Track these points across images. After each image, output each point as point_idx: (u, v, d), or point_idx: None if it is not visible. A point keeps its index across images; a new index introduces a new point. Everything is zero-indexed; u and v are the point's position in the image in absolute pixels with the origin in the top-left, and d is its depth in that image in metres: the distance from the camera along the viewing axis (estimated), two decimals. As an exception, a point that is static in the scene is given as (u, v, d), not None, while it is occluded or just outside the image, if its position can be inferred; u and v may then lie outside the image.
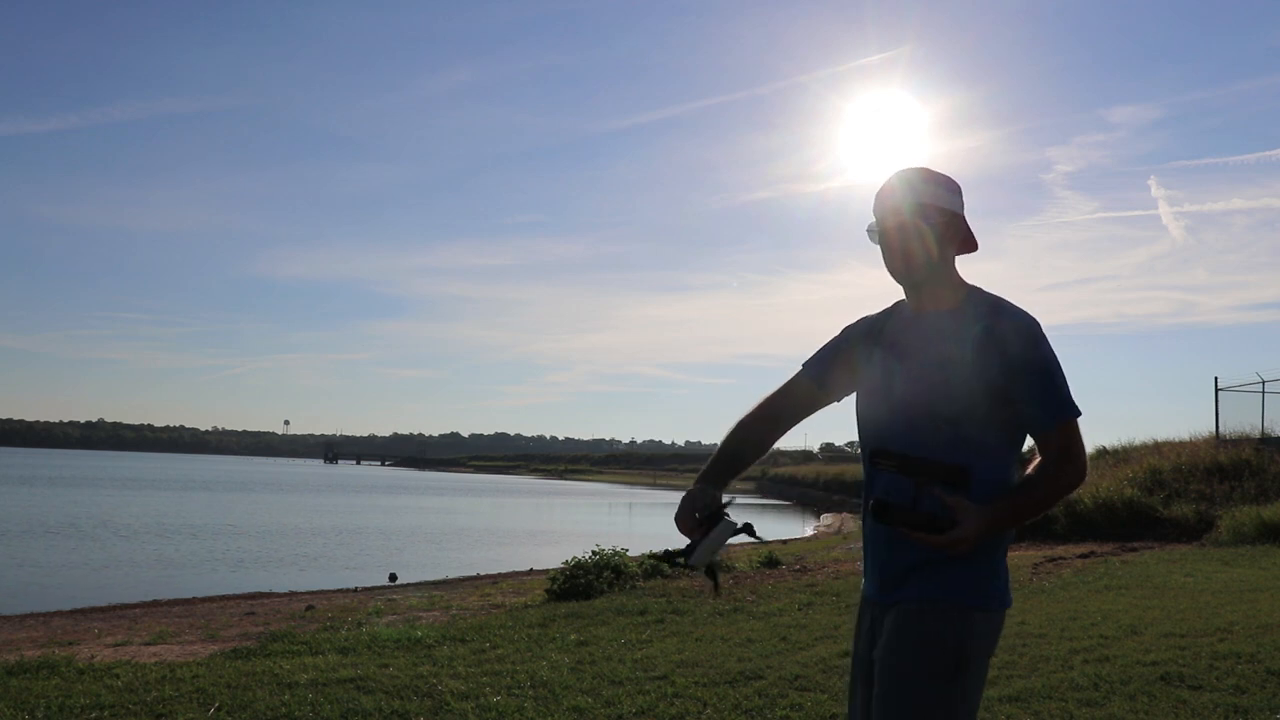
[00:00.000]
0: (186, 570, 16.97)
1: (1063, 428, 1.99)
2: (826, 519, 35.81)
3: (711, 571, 2.12)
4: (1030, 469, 2.01)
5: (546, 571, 12.65)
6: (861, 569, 2.19)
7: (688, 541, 2.06)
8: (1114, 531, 15.56)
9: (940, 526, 1.87)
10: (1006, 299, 2.08)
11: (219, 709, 4.76)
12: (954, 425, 1.96)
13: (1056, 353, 2.01)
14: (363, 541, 24.06)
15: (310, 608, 10.48)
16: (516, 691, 5.13)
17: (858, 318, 2.28)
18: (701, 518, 2.05)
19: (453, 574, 16.50)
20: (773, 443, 2.30)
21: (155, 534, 23.68)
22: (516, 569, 16.75)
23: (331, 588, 14.32)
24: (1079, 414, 2.00)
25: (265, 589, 14.16)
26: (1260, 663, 5.41)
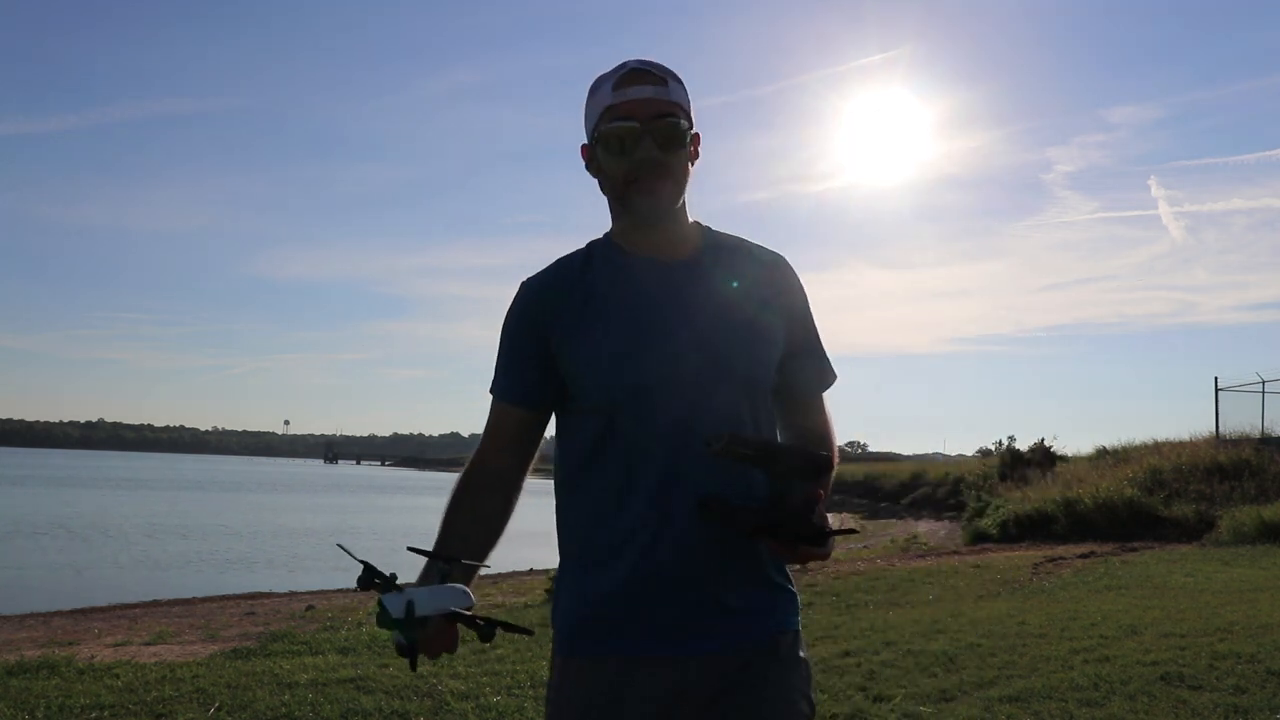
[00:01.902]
0: (186, 570, 16.96)
1: (825, 395, 1.70)
2: (826, 519, 35.71)
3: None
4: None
5: (546, 571, 12.66)
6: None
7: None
8: (1114, 531, 15.57)
9: (821, 533, 1.40)
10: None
11: (219, 709, 4.76)
12: (755, 393, 1.57)
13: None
14: (363, 542, 24.05)
15: (310, 608, 10.48)
16: (516, 691, 5.13)
17: (519, 292, 1.64)
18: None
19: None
20: (509, 510, 1.67)
21: (152, 535, 23.67)
22: (516, 569, 16.73)
23: (331, 588, 14.31)
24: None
25: (265, 589, 14.15)
26: (1260, 663, 5.41)
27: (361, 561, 1.34)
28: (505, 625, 1.38)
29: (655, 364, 1.52)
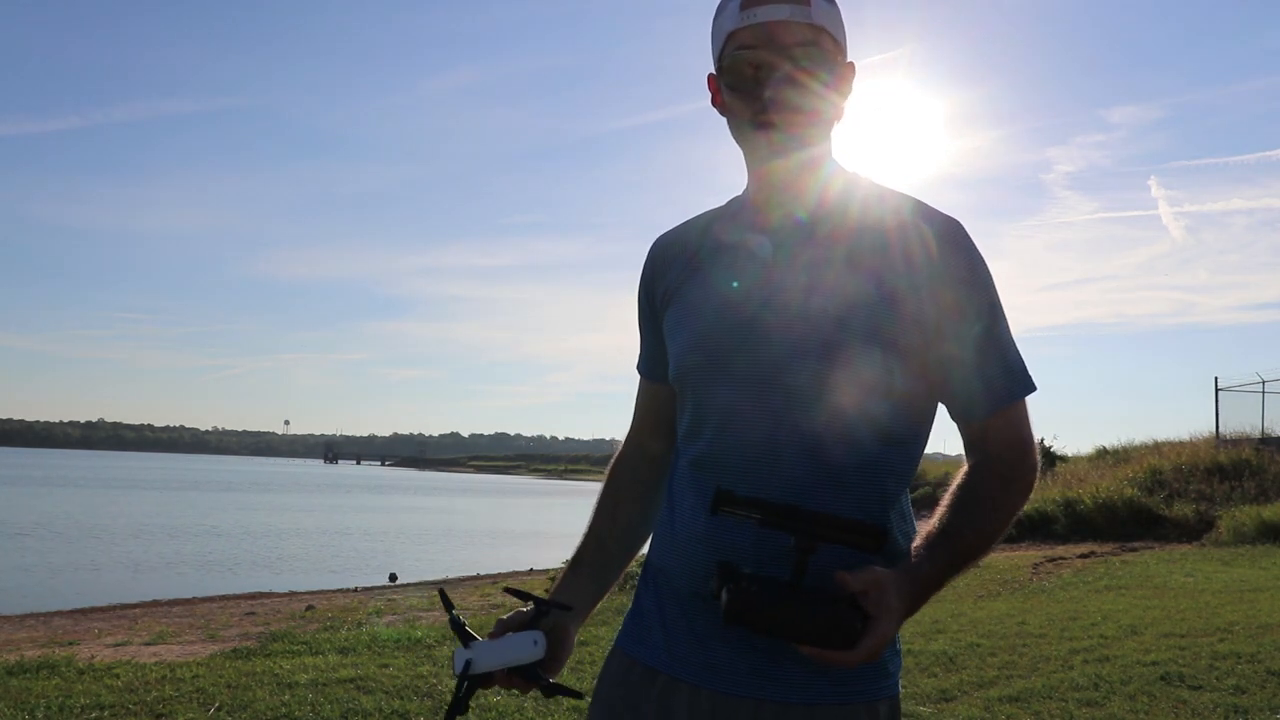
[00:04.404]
0: (186, 570, 16.96)
1: (1017, 408, 1.27)
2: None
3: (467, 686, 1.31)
4: (961, 482, 1.26)
5: (547, 571, 12.67)
6: None
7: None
8: (1114, 531, 15.56)
9: (847, 632, 1.07)
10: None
11: (219, 709, 4.76)
12: (808, 397, 1.22)
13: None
14: (363, 541, 24.06)
15: (310, 608, 10.49)
16: (516, 691, 5.12)
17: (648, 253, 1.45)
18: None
19: (453, 574, 16.52)
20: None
21: (154, 536, 23.67)
22: (516, 569, 16.76)
23: (331, 588, 14.33)
24: (1035, 389, 1.28)
25: (265, 589, 14.16)
26: (1260, 663, 5.41)
27: (449, 610, 1.34)
28: (563, 690, 1.32)
29: (710, 344, 1.28)
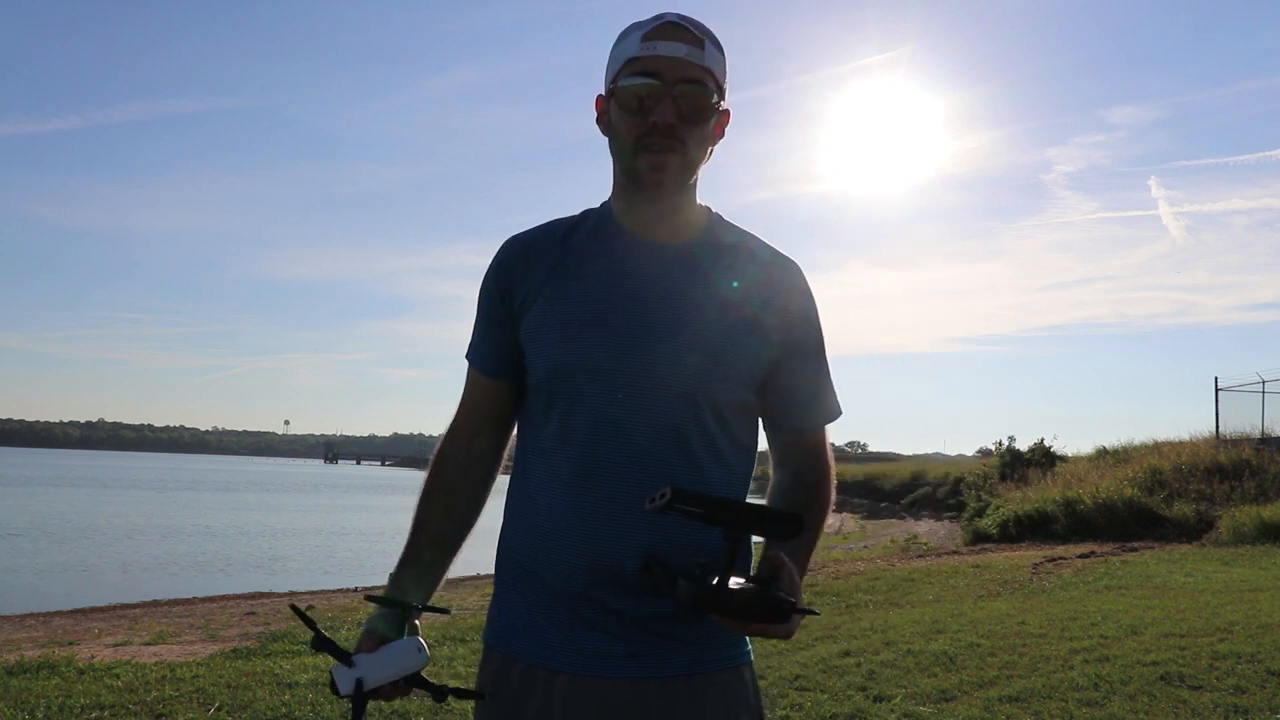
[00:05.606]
0: (187, 570, 16.95)
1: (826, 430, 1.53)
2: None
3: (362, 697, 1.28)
4: (801, 482, 1.48)
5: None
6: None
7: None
8: (1114, 531, 15.57)
9: (786, 609, 1.20)
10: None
11: (219, 709, 4.76)
12: (705, 405, 1.38)
13: None
14: (362, 542, 24.06)
15: (310, 608, 10.48)
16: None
17: (500, 248, 1.51)
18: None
19: (453, 574, 16.23)
20: (490, 484, 1.56)
21: (156, 536, 23.66)
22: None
23: (331, 588, 14.33)
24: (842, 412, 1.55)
25: (265, 589, 14.15)
26: (1260, 663, 5.41)
27: (313, 629, 1.32)
28: (456, 691, 1.32)
29: (590, 350, 1.38)
